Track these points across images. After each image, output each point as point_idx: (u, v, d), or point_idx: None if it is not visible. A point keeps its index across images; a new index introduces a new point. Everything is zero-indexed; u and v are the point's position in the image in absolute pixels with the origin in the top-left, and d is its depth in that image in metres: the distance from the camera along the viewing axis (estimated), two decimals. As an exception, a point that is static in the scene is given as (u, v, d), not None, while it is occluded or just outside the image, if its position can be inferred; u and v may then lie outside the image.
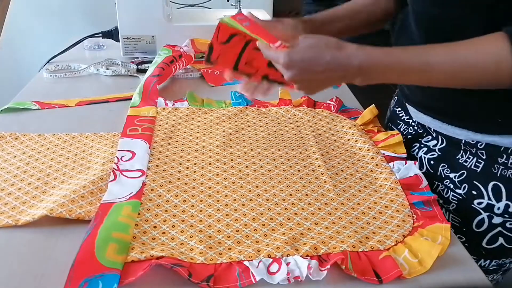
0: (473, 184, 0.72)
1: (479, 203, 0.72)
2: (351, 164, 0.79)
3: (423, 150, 0.81)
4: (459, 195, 0.74)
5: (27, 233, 0.62)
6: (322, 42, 0.63)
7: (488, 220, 0.72)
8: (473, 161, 0.73)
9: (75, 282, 0.52)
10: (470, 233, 0.73)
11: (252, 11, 1.43)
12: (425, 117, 0.80)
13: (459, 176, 0.74)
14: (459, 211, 0.75)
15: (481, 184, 0.72)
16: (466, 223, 0.74)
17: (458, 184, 0.74)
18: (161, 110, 0.95)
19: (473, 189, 0.72)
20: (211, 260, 0.57)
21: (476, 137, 0.71)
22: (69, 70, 1.18)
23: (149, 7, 1.23)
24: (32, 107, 0.96)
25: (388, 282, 0.56)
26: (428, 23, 0.71)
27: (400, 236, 0.63)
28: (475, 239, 0.73)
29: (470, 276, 0.58)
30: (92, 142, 0.83)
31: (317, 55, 0.62)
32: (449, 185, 0.76)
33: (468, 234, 0.73)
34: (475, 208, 0.72)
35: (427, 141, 0.81)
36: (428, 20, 0.70)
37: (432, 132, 0.80)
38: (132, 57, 1.28)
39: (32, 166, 0.76)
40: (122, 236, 0.59)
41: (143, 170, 0.74)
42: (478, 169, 0.72)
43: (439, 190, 0.77)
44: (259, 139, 0.87)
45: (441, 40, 0.69)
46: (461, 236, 0.74)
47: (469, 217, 0.73)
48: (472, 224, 0.73)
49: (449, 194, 0.76)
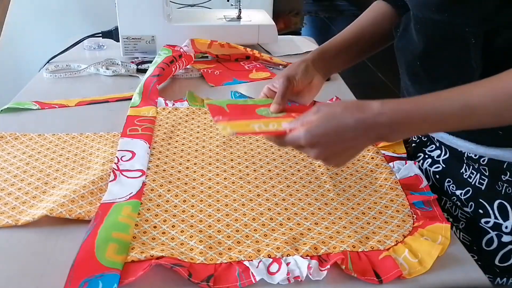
0: (478, 202, 0.71)
1: (486, 222, 0.70)
2: (351, 164, 0.79)
3: (428, 162, 0.79)
4: (467, 213, 0.72)
5: (27, 233, 0.62)
6: (340, 108, 0.57)
7: (498, 239, 0.70)
8: (477, 178, 0.71)
9: (75, 282, 0.52)
10: (481, 252, 0.71)
11: (252, 11, 1.44)
12: None
13: (465, 193, 0.72)
14: (468, 230, 0.73)
15: (487, 202, 0.70)
16: (476, 242, 0.71)
17: (465, 202, 0.72)
18: (161, 110, 0.95)
19: (479, 208, 0.70)
20: (211, 260, 0.57)
21: (478, 151, 0.69)
22: (69, 70, 1.18)
23: (149, 7, 1.23)
24: (32, 107, 0.96)
25: (388, 282, 0.56)
26: (429, 29, 0.70)
27: (400, 236, 0.63)
28: (487, 257, 0.71)
29: (470, 276, 0.58)
30: (92, 142, 0.83)
31: (340, 123, 0.56)
32: (456, 203, 0.74)
33: (480, 253, 0.71)
34: (483, 227, 0.70)
35: (431, 151, 0.79)
36: (429, 25, 0.69)
37: (435, 142, 0.78)
38: (132, 57, 1.28)
39: (32, 166, 0.76)
40: (122, 236, 0.59)
41: (143, 170, 0.74)
42: (483, 187, 0.70)
43: (448, 207, 0.75)
44: (259, 139, 0.87)
45: (441, 47, 0.68)
46: (473, 255, 0.69)
47: (478, 236, 0.71)
48: (482, 243, 0.71)
49: (458, 212, 0.74)
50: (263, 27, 1.34)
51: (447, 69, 0.69)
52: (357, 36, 0.82)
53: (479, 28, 0.62)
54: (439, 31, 0.68)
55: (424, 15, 0.69)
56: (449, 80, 0.70)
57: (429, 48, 0.70)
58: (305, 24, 4.04)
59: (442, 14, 0.65)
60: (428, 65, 0.72)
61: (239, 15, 1.36)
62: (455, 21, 0.64)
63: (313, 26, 5.11)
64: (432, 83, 0.73)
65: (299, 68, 0.73)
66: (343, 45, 0.81)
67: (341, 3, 6.06)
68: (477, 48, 0.63)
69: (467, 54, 0.64)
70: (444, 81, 0.71)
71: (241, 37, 1.31)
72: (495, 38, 0.61)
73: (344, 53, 0.81)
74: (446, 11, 0.65)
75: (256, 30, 1.34)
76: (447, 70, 0.69)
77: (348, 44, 0.82)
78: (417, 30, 0.72)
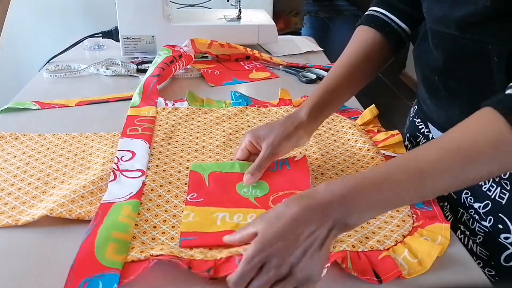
0: (498, 217, 0.67)
1: (506, 238, 0.67)
2: (351, 164, 0.79)
3: None
4: (485, 227, 0.69)
5: (27, 233, 0.62)
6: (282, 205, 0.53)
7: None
8: (497, 191, 0.68)
9: (75, 282, 0.52)
10: (499, 268, 0.68)
11: (252, 11, 1.44)
12: None
13: (483, 207, 0.70)
14: (486, 244, 0.70)
15: (507, 218, 0.66)
16: (494, 257, 0.68)
17: (484, 215, 0.69)
18: (161, 110, 0.95)
19: (499, 223, 0.67)
20: (211, 257, 0.57)
21: None
22: (69, 70, 1.18)
23: (149, 7, 1.23)
24: (32, 107, 0.96)
25: (387, 282, 0.56)
26: (448, 44, 0.66)
27: (399, 236, 0.63)
28: (505, 273, 0.68)
29: (470, 276, 0.58)
30: (92, 142, 0.83)
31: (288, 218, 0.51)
32: (474, 216, 0.71)
33: (497, 268, 0.68)
34: (502, 242, 0.67)
35: None
36: (449, 41, 0.66)
37: None
38: (132, 57, 1.28)
39: (32, 166, 0.76)
40: (122, 236, 0.59)
41: (143, 170, 0.74)
42: (503, 201, 0.67)
43: (465, 220, 0.73)
44: (259, 139, 0.87)
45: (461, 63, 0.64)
46: (490, 270, 0.68)
47: (497, 251, 0.68)
48: (501, 258, 0.67)
49: (475, 226, 0.71)
50: (263, 27, 1.34)
51: (468, 85, 0.67)
52: (350, 78, 0.77)
53: (503, 46, 0.59)
54: (459, 47, 0.65)
55: (442, 30, 0.67)
56: (469, 96, 0.67)
57: (447, 63, 0.68)
58: (305, 24, 4.04)
59: (462, 33, 0.63)
60: (446, 80, 0.69)
61: (239, 15, 1.36)
62: (476, 39, 0.62)
63: (313, 26, 5.11)
64: (451, 98, 0.70)
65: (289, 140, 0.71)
66: (335, 95, 0.76)
67: (341, 3, 6.06)
68: (500, 66, 0.60)
69: (490, 71, 0.61)
70: (464, 97, 0.68)
71: (241, 37, 1.31)
72: None
73: (337, 102, 0.78)
74: (467, 31, 0.62)
75: (256, 30, 1.34)
76: (467, 86, 0.67)
77: (340, 91, 0.77)
78: (434, 44, 0.69)
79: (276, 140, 0.71)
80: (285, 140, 0.71)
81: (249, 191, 0.69)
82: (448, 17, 0.63)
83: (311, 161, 0.80)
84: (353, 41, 0.80)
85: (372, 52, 0.78)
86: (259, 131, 0.73)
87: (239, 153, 0.75)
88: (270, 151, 0.70)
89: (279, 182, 0.71)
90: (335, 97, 0.77)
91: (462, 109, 0.69)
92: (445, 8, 0.64)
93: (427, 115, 0.80)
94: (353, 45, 0.79)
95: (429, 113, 0.79)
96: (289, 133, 0.72)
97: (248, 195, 0.69)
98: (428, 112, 0.79)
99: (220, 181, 0.71)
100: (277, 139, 0.71)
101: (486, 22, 0.59)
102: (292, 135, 0.72)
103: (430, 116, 0.79)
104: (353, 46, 0.79)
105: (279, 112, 0.97)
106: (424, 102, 0.80)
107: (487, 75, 0.62)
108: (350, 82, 0.77)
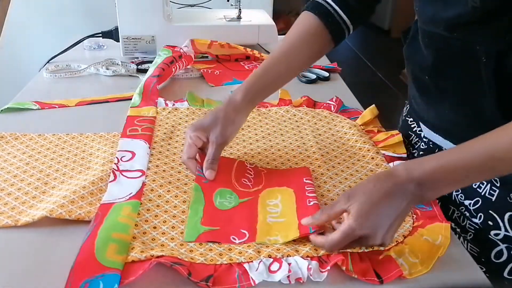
0: (488, 214, 0.69)
1: (496, 234, 0.68)
2: (351, 164, 0.79)
3: None
4: (476, 224, 0.71)
5: (27, 233, 0.62)
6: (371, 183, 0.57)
7: (507, 252, 0.68)
8: (487, 188, 0.69)
9: (75, 283, 0.52)
10: (490, 264, 0.69)
11: (252, 11, 1.44)
12: (436, 136, 0.78)
13: (474, 204, 0.71)
14: (476, 241, 0.71)
15: (497, 214, 0.68)
16: (484, 253, 0.70)
17: (474, 212, 0.71)
18: (161, 110, 0.95)
19: (489, 220, 0.69)
20: (211, 261, 0.57)
21: None
22: (69, 70, 1.18)
23: (149, 7, 1.23)
24: (32, 107, 0.96)
25: (388, 282, 0.56)
26: (438, 44, 0.67)
27: (400, 236, 0.63)
28: (495, 269, 0.69)
29: (471, 276, 0.58)
30: (92, 142, 0.83)
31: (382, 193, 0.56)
32: (465, 213, 0.72)
33: (488, 264, 0.69)
34: (492, 239, 0.69)
35: None
36: (439, 41, 0.67)
37: (443, 150, 0.76)
38: (132, 57, 1.28)
39: (32, 166, 0.76)
40: (122, 236, 0.59)
41: (143, 170, 0.74)
42: (493, 198, 0.69)
43: (455, 217, 0.74)
44: (259, 139, 0.87)
45: (450, 62, 0.65)
46: (481, 266, 0.67)
47: (487, 248, 0.70)
48: (491, 255, 0.69)
49: (466, 223, 0.72)
50: (263, 27, 1.34)
51: (457, 84, 0.68)
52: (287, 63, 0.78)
53: (491, 47, 0.60)
54: (449, 47, 0.66)
55: (432, 30, 0.68)
56: (458, 95, 0.68)
57: (437, 62, 0.69)
58: (305, 24, 4.03)
59: (451, 33, 0.64)
60: (436, 79, 0.70)
61: (239, 15, 1.36)
62: (465, 39, 0.63)
63: (313, 26, 5.09)
64: (441, 96, 0.71)
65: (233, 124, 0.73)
66: (271, 79, 0.78)
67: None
68: (488, 67, 0.61)
69: (478, 71, 0.62)
70: (453, 95, 0.69)
71: (241, 37, 1.31)
72: (508, 57, 0.59)
73: (273, 85, 0.79)
74: (455, 31, 0.63)
75: (256, 30, 1.34)
76: (456, 85, 0.68)
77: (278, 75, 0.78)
78: (425, 44, 0.70)
79: (223, 127, 0.72)
80: (231, 126, 0.73)
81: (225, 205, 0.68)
82: (438, 17, 0.64)
83: (311, 161, 0.80)
84: (295, 26, 0.80)
85: (312, 40, 0.79)
86: (203, 123, 0.73)
87: (187, 151, 0.72)
88: (220, 139, 0.71)
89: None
90: (272, 81, 0.78)
91: (452, 107, 0.71)
92: (436, 8, 0.65)
93: (418, 114, 0.81)
94: (295, 30, 0.80)
95: (420, 112, 0.80)
96: (231, 118, 0.73)
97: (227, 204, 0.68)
98: (419, 111, 0.80)
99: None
100: (224, 127, 0.72)
101: (474, 23, 0.60)
102: (234, 119, 0.73)
103: (421, 115, 0.80)
104: (294, 31, 0.80)
105: (279, 112, 0.97)
106: (415, 101, 0.81)
107: (475, 74, 0.63)
108: (287, 67, 0.79)
